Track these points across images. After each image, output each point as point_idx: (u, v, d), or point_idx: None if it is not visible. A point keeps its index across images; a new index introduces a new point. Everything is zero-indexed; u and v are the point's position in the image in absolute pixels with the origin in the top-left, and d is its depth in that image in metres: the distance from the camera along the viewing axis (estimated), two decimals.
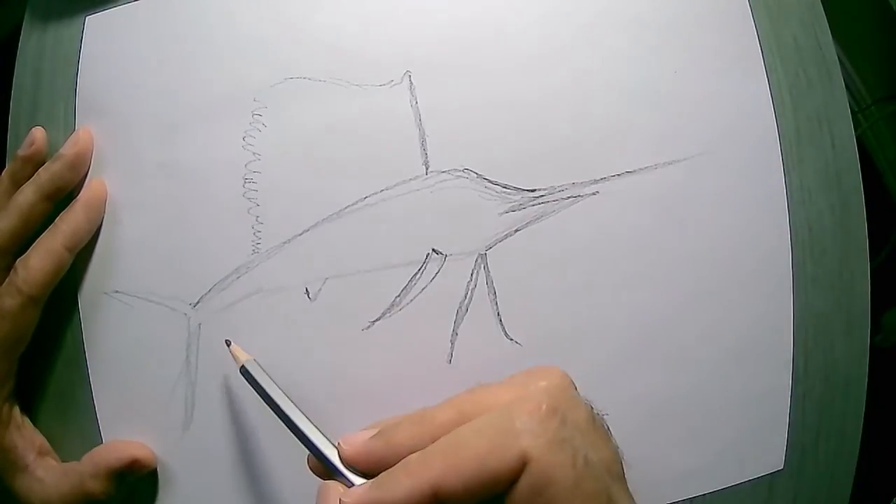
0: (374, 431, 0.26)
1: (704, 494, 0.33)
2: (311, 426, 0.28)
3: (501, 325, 0.34)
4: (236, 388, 0.34)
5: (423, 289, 0.34)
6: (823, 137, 0.35)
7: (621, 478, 0.27)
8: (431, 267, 0.34)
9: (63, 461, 0.35)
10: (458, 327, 0.34)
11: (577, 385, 0.28)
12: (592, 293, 0.34)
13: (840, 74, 0.35)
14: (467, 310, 0.34)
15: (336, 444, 0.27)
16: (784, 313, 0.34)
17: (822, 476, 0.34)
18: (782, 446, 0.34)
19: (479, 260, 0.34)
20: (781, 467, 0.34)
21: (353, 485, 0.26)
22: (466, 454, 0.23)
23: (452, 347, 0.33)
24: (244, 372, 0.31)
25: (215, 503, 0.34)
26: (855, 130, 0.36)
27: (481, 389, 0.27)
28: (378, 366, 0.34)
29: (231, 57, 0.36)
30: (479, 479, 0.23)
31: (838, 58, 0.36)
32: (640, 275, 0.34)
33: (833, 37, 0.36)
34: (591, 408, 0.27)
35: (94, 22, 0.37)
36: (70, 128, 0.36)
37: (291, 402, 0.30)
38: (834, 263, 0.35)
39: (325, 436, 0.28)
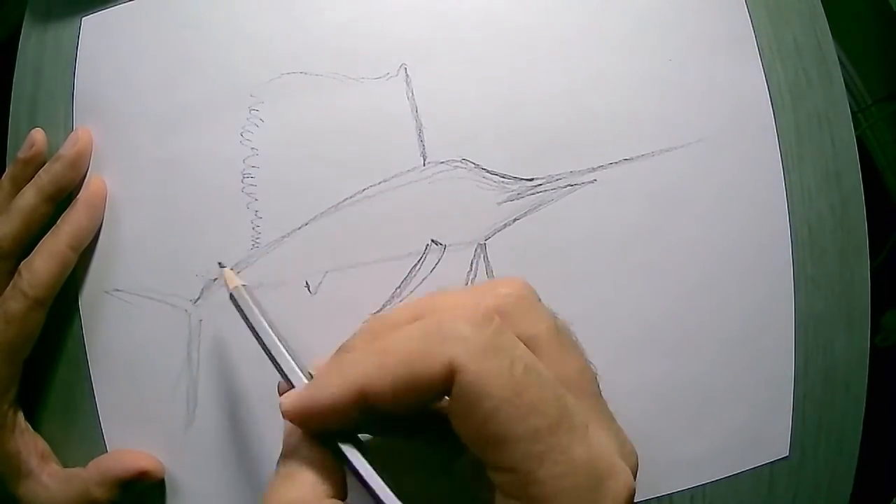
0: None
1: (705, 484, 0.33)
2: (288, 358, 0.27)
3: None
4: (239, 383, 0.34)
5: (423, 280, 0.34)
6: (823, 137, 0.35)
7: (589, 392, 0.25)
8: (431, 258, 0.34)
9: (65, 466, 0.35)
10: None
11: None
12: (592, 281, 0.34)
13: (840, 74, 0.35)
14: None
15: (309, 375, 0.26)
16: (784, 306, 0.34)
17: (822, 475, 0.34)
18: (787, 433, 0.34)
19: (479, 250, 0.34)
20: (787, 454, 0.34)
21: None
22: (394, 358, 0.22)
23: None
24: (232, 298, 0.30)
25: (219, 500, 0.34)
26: (855, 130, 0.36)
27: (440, 293, 0.26)
28: None
29: (227, 53, 0.36)
30: (405, 383, 0.22)
31: (838, 58, 0.36)
32: (639, 263, 0.34)
33: (833, 37, 0.36)
34: (555, 317, 0.25)
35: (91, 22, 0.37)
36: (69, 129, 0.37)
37: (274, 333, 0.28)
38: (834, 263, 0.35)
39: (301, 370, 0.27)
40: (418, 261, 0.34)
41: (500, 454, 0.21)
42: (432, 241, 0.34)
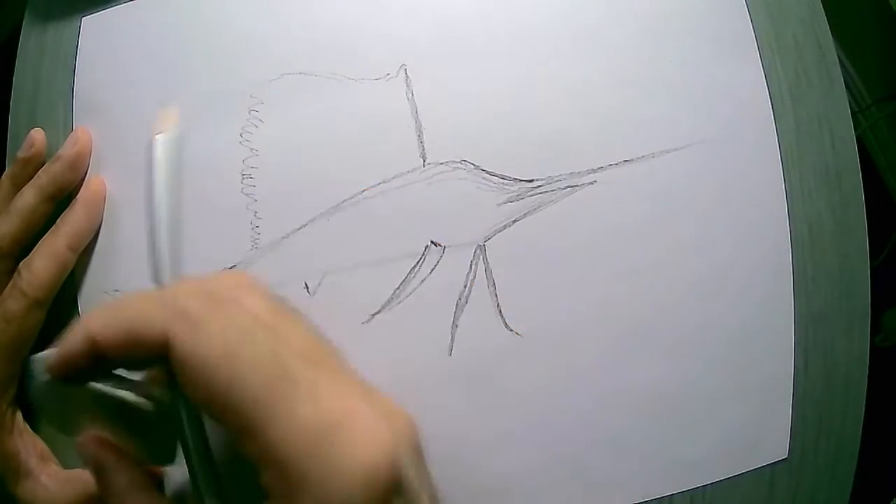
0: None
1: (705, 485, 0.33)
2: (163, 237, 0.26)
3: (501, 316, 0.34)
4: None
5: (422, 281, 0.34)
6: (823, 137, 0.35)
7: (325, 365, 0.24)
8: (430, 259, 0.34)
9: (65, 467, 0.35)
10: (458, 319, 0.34)
11: (573, 373, 0.26)
12: (592, 283, 0.34)
13: (840, 74, 0.35)
14: (467, 301, 0.34)
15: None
16: (784, 306, 0.34)
17: (822, 476, 0.34)
18: (787, 434, 0.34)
19: (478, 251, 0.34)
20: (786, 456, 0.34)
21: None
22: (121, 313, 0.23)
23: (453, 339, 0.34)
24: (150, 146, 0.27)
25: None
26: (855, 130, 0.36)
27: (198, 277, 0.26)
28: (378, 359, 0.34)
29: (227, 54, 0.36)
30: (125, 337, 0.23)
31: (838, 58, 0.36)
32: (639, 264, 0.34)
33: (833, 37, 0.36)
34: (273, 295, 0.26)
35: (91, 22, 0.37)
36: (69, 129, 0.37)
37: (164, 204, 0.27)
38: (834, 263, 0.35)
39: (167, 259, 0.26)
40: (417, 262, 0.34)
41: (228, 417, 0.22)
42: (431, 242, 0.34)
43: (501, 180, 0.34)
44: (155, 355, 0.23)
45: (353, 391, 0.24)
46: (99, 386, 0.26)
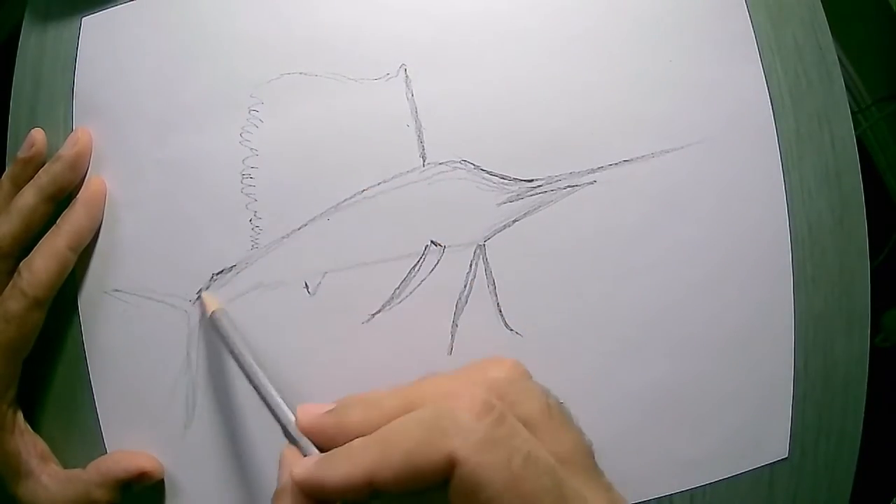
0: (331, 406, 0.26)
1: (705, 485, 0.33)
2: (271, 390, 0.28)
3: (501, 315, 0.34)
4: (237, 384, 0.34)
5: (422, 281, 0.34)
6: (823, 137, 0.35)
7: (585, 466, 0.25)
8: (430, 259, 0.34)
9: (65, 466, 0.35)
10: (457, 319, 0.34)
11: (572, 373, 0.27)
12: (592, 283, 0.34)
13: (840, 74, 0.35)
14: (467, 301, 0.34)
15: (295, 412, 0.27)
16: (785, 306, 0.34)
17: (822, 476, 0.34)
18: (787, 434, 0.34)
19: (478, 251, 0.34)
20: (786, 455, 0.34)
21: (306, 454, 0.26)
22: (396, 448, 0.23)
23: (453, 339, 0.34)
24: (213, 322, 0.31)
25: (217, 500, 0.34)
26: (855, 130, 0.36)
27: (428, 380, 0.26)
28: (378, 359, 0.34)
29: (227, 54, 0.36)
30: (407, 472, 0.22)
31: (838, 58, 0.36)
32: (638, 264, 0.34)
33: (833, 37, 0.36)
34: (548, 396, 0.26)
35: (91, 22, 0.37)
36: (69, 129, 0.37)
37: (253, 362, 0.29)
38: (834, 263, 0.35)
39: (282, 401, 0.28)
40: (417, 262, 0.34)
41: None
42: (431, 241, 0.34)
43: (501, 180, 0.34)
44: (430, 484, 0.23)
45: (605, 496, 0.25)
46: None
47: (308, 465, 0.24)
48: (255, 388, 0.29)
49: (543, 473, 0.23)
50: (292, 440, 0.27)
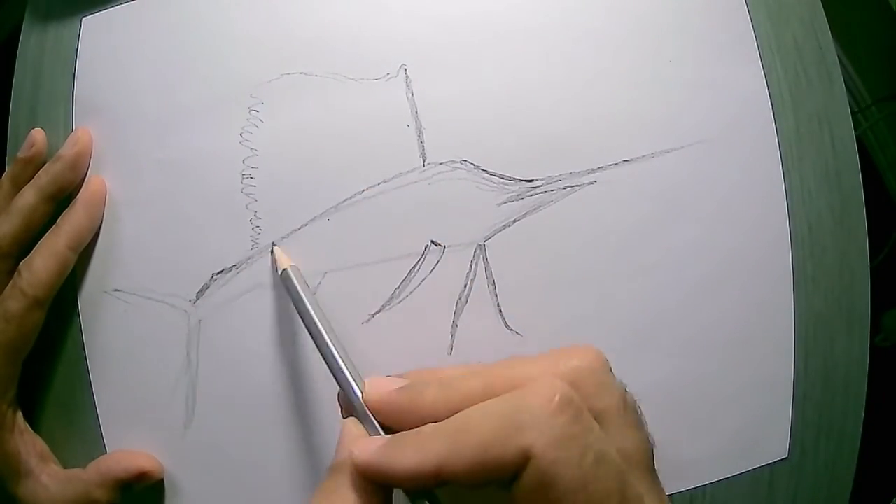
0: (403, 382, 0.26)
1: (705, 485, 0.33)
2: (340, 358, 0.27)
3: (501, 315, 0.34)
4: (237, 384, 0.34)
5: (422, 281, 0.34)
6: (823, 137, 0.35)
7: (646, 467, 0.25)
8: (430, 259, 0.34)
9: (64, 466, 0.35)
10: (458, 319, 0.34)
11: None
12: (591, 283, 0.34)
13: (840, 74, 0.35)
14: (467, 301, 0.34)
15: (362, 385, 0.26)
16: (785, 306, 0.34)
17: (822, 475, 0.34)
18: (787, 434, 0.34)
19: (478, 251, 0.34)
20: (786, 455, 0.34)
21: (370, 430, 0.25)
22: (471, 439, 0.22)
23: (453, 339, 0.34)
24: (284, 278, 0.30)
25: (218, 500, 0.34)
26: (855, 130, 0.36)
27: (513, 362, 0.26)
28: (379, 359, 0.34)
29: (227, 54, 0.36)
30: (481, 465, 0.22)
31: (838, 58, 0.36)
32: (638, 264, 0.34)
33: (833, 37, 0.36)
34: (625, 392, 0.26)
35: (91, 23, 0.37)
36: (69, 129, 0.36)
37: (322, 327, 0.28)
38: (834, 263, 0.35)
39: (351, 371, 0.27)
40: (417, 262, 0.34)
41: None
42: (431, 241, 0.34)
43: (501, 180, 0.34)
44: (500, 478, 0.22)
45: (658, 500, 0.25)
46: None
47: (371, 448, 0.24)
48: (322, 353, 0.28)
49: (611, 473, 0.23)
50: (356, 413, 0.26)
